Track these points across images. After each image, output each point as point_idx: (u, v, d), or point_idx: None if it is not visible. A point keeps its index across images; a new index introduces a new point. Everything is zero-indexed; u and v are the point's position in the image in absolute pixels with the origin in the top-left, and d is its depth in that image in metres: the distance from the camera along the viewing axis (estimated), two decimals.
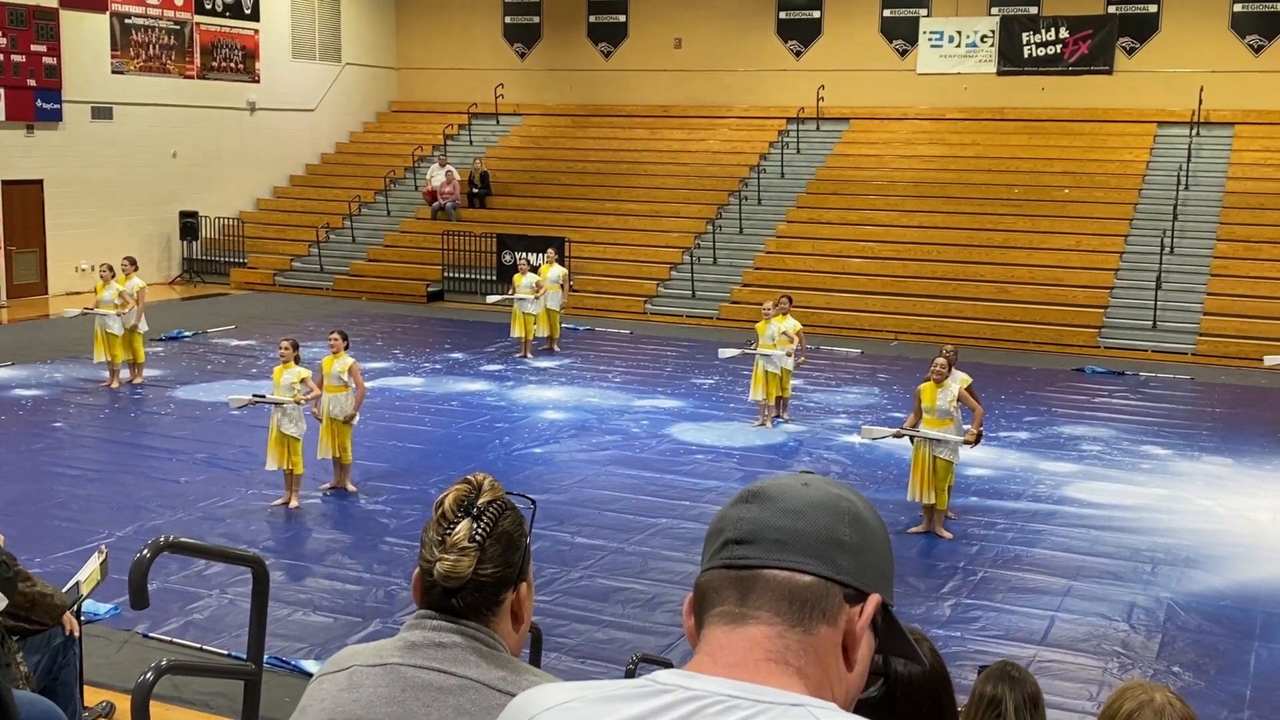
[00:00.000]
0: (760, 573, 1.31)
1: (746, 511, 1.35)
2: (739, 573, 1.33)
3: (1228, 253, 21.92)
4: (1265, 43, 25.10)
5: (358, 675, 1.96)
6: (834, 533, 1.32)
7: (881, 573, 1.36)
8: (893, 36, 27.62)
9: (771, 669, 1.28)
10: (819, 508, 1.34)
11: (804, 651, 1.29)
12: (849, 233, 24.18)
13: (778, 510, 1.34)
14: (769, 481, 1.39)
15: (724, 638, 1.31)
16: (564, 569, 9.63)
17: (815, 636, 1.30)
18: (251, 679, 4.62)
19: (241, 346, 19.39)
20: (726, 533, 1.35)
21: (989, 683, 3.23)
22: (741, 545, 1.33)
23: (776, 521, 1.33)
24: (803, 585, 1.30)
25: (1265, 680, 7.96)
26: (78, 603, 6.07)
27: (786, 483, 1.38)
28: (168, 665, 4.44)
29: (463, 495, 2.00)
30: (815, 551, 1.31)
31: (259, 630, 4.48)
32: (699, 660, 1.32)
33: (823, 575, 1.31)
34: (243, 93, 28.23)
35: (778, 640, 1.29)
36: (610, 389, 16.79)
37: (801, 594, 1.30)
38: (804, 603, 1.30)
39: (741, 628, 1.30)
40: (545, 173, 28.15)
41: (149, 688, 4.24)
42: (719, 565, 1.35)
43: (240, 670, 4.98)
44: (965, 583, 9.65)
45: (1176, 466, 13.29)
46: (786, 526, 1.32)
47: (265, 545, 10.11)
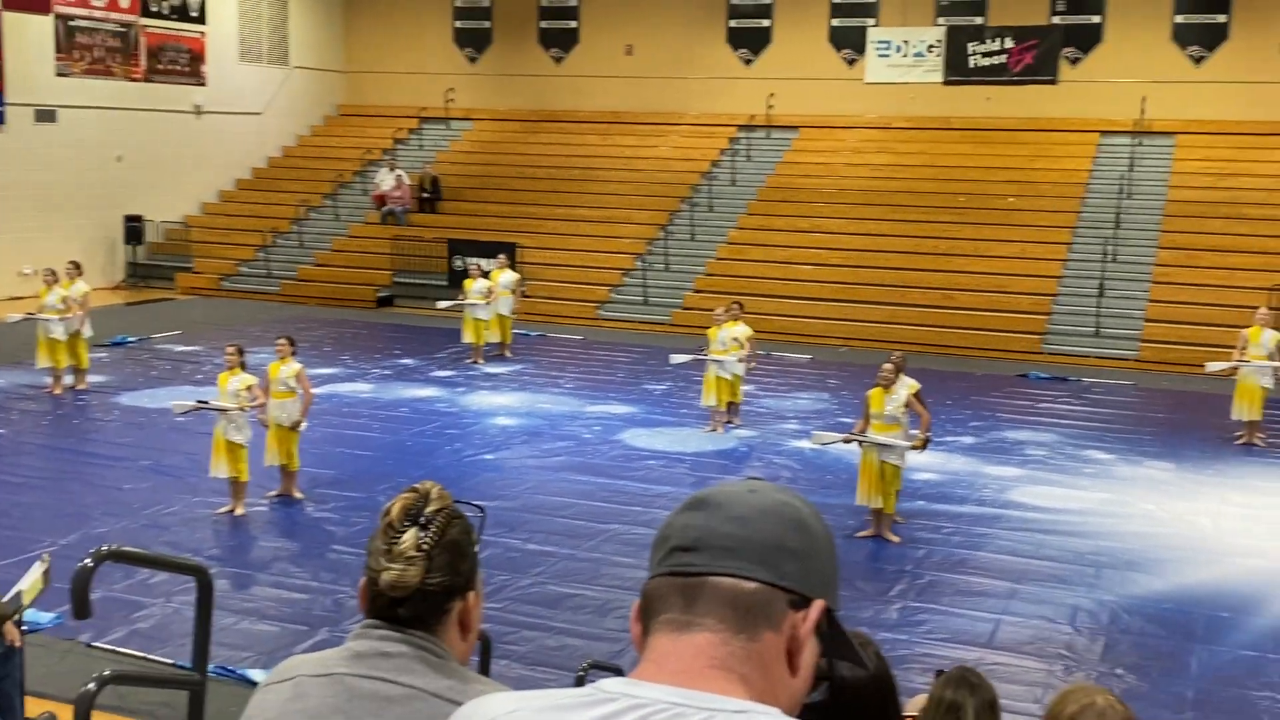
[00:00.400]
0: (706, 580, 1.32)
1: (693, 519, 1.36)
2: (685, 580, 1.33)
3: (1169, 260, 22.25)
4: (1206, 54, 25.53)
5: (303, 685, 1.95)
6: (779, 539, 1.34)
7: (826, 579, 1.38)
8: (841, 45, 27.81)
9: (716, 676, 1.29)
10: (765, 515, 1.35)
11: (749, 658, 1.30)
12: (799, 240, 24.32)
13: (724, 517, 1.35)
14: (716, 488, 1.40)
15: (669, 645, 1.32)
16: (515, 576, 9.61)
17: (760, 643, 1.31)
18: (196, 689, 4.57)
19: (187, 352, 19.18)
20: (673, 540, 1.36)
21: (948, 688, 3.25)
22: (688, 552, 1.34)
23: (723, 529, 1.34)
24: (748, 592, 1.31)
25: (1206, 682, 8.09)
26: (19, 612, 5.98)
27: (733, 490, 1.38)
28: (111, 675, 4.38)
29: (410, 504, 1.99)
30: (761, 558, 1.32)
31: (203, 639, 4.44)
32: (644, 668, 1.32)
33: (768, 582, 1.32)
34: (189, 96, 27.94)
35: (723, 647, 1.30)
36: (562, 395, 16.77)
37: (747, 601, 1.31)
38: (749, 609, 1.31)
39: (687, 635, 1.31)
40: (497, 178, 28.08)
41: (91, 698, 4.18)
42: (665, 572, 1.35)
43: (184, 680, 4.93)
44: (912, 586, 9.73)
45: (1119, 471, 13.47)
46: (733, 533, 1.33)
47: (210, 553, 10.01)
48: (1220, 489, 12.83)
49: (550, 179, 27.52)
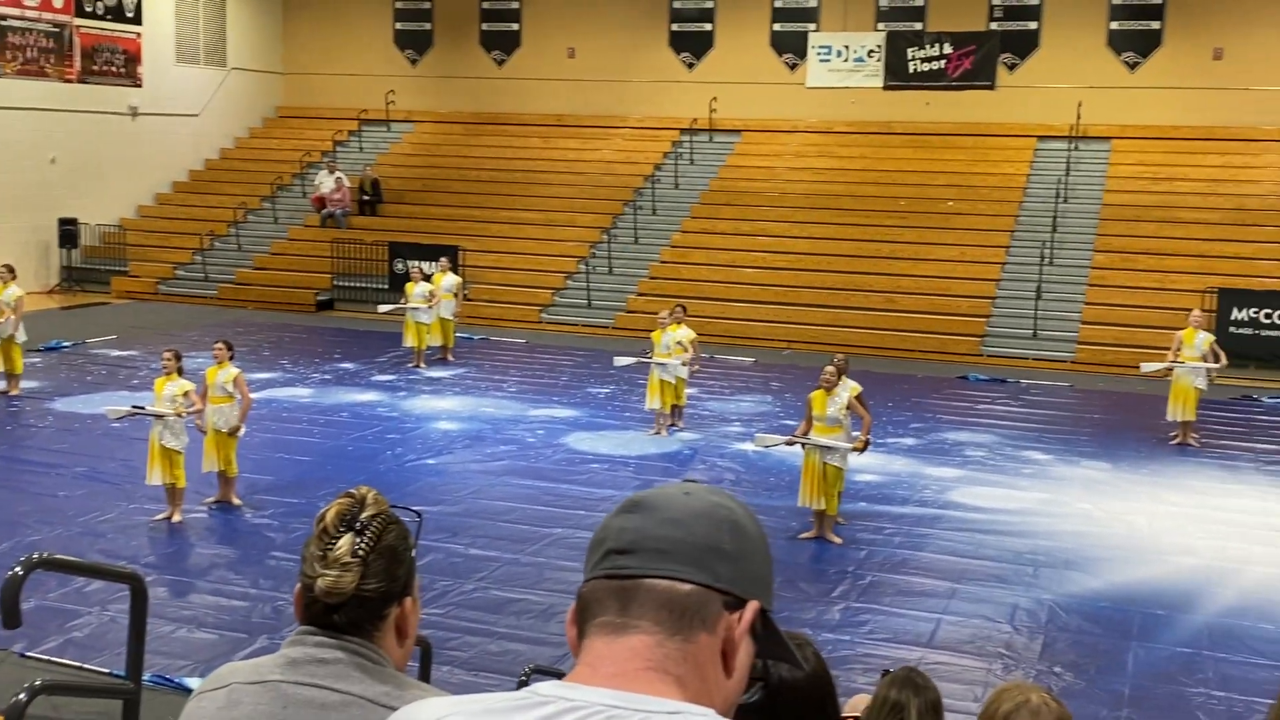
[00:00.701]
0: (641, 582, 1.32)
1: (628, 521, 1.36)
2: (620, 582, 1.33)
3: (1105, 263, 22.59)
4: (1140, 60, 25.95)
5: (237, 693, 1.92)
6: (714, 541, 1.34)
7: (760, 580, 1.38)
8: (782, 50, 27.97)
9: (651, 678, 1.28)
10: (699, 517, 1.35)
11: (683, 660, 1.30)
12: (742, 243, 24.42)
13: (659, 520, 1.35)
14: (651, 491, 1.40)
15: (604, 648, 1.31)
16: (457, 581, 9.56)
17: (695, 644, 1.31)
18: (130, 698, 4.50)
19: (123, 357, 18.90)
20: (608, 543, 1.36)
21: (893, 688, 3.27)
22: (623, 555, 1.34)
23: (658, 531, 1.34)
24: (683, 594, 1.31)
25: (1142, 679, 8.21)
26: None
27: (668, 492, 1.39)
28: (41, 685, 4.31)
29: (345, 509, 1.97)
30: (695, 560, 1.32)
31: (137, 648, 4.37)
32: (579, 671, 1.32)
33: (702, 583, 1.32)
34: (125, 97, 27.54)
35: (657, 649, 1.30)
36: (505, 399, 16.72)
37: (681, 602, 1.31)
38: (684, 611, 1.31)
39: (622, 637, 1.31)
40: (438, 180, 27.94)
41: (22, 709, 4.11)
42: (601, 575, 1.35)
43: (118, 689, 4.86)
44: (854, 587, 9.79)
45: (1056, 471, 13.65)
46: (667, 535, 1.33)
47: (147, 561, 9.87)
48: (1155, 488, 13.04)
49: (493, 182, 27.43)
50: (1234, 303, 20.32)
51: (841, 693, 3.58)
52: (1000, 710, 2.78)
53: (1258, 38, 24.90)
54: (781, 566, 10.20)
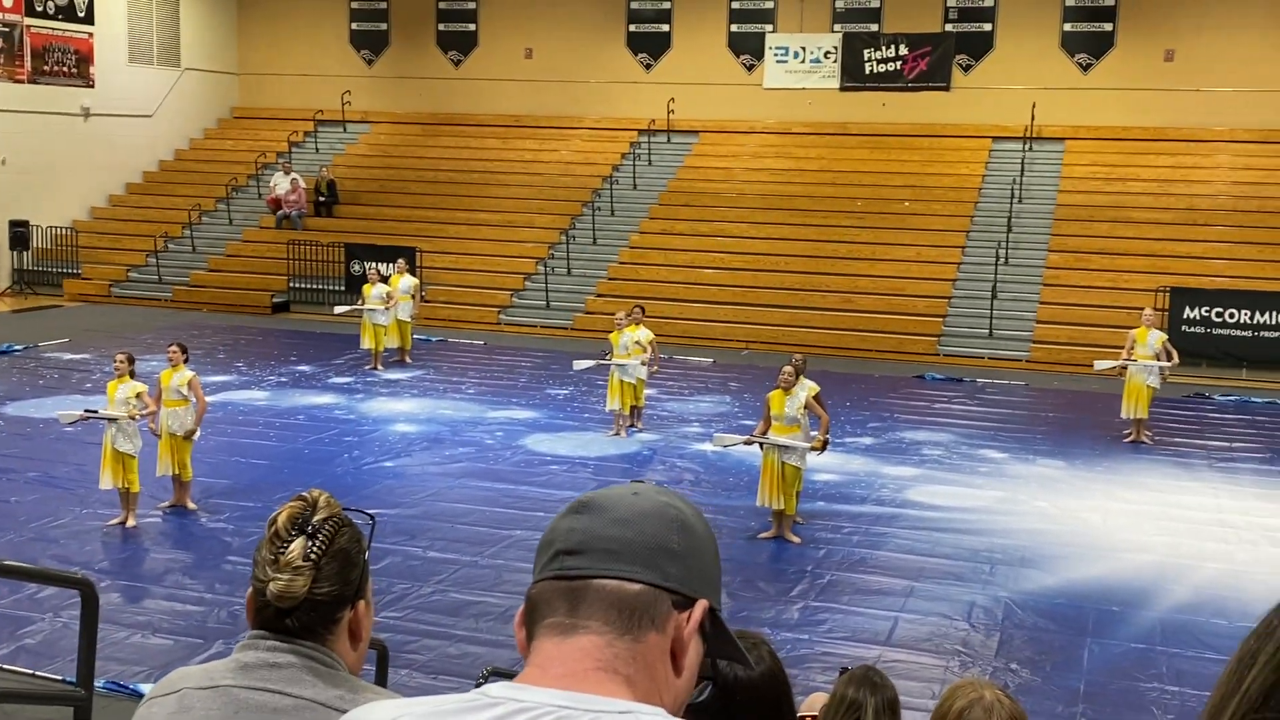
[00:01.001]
0: (590, 583, 1.32)
1: (577, 522, 1.36)
2: (569, 583, 1.33)
3: (1059, 263, 22.80)
4: (1093, 61, 26.23)
5: (188, 698, 1.91)
6: (662, 541, 1.34)
7: (709, 579, 1.38)
8: (740, 51, 28.05)
9: (601, 678, 1.28)
10: (647, 516, 1.35)
11: (633, 659, 1.30)
12: (700, 243, 24.47)
13: (608, 520, 1.34)
14: (599, 492, 1.40)
15: (554, 649, 1.31)
16: (416, 584, 9.51)
17: (644, 644, 1.31)
18: (81, 704, 4.45)
19: (75, 360, 18.68)
20: (557, 544, 1.36)
21: (850, 686, 3.28)
22: (572, 556, 1.34)
23: (606, 531, 1.34)
24: (632, 594, 1.31)
25: (1097, 675, 8.29)
26: None
27: (617, 492, 1.39)
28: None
29: (297, 513, 1.96)
30: (644, 560, 1.32)
31: (88, 654, 4.32)
32: (529, 672, 1.32)
33: (651, 583, 1.32)
34: (77, 98, 27.21)
35: (607, 649, 1.30)
36: (464, 400, 16.66)
37: (630, 602, 1.31)
38: (633, 611, 1.31)
39: (571, 638, 1.31)
40: (395, 181, 27.80)
41: None
42: (550, 576, 1.35)
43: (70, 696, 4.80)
44: (813, 586, 9.83)
45: (1012, 469, 13.76)
46: (616, 536, 1.33)
47: (101, 567, 9.76)
48: (1110, 486, 13.17)
49: (450, 183, 27.34)
50: (1186, 301, 20.56)
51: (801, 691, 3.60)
52: (954, 708, 2.80)
53: (1208, 39, 25.23)
54: (740, 566, 10.23)
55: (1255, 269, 21.65)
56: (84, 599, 4.30)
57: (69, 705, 4.67)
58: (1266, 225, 22.59)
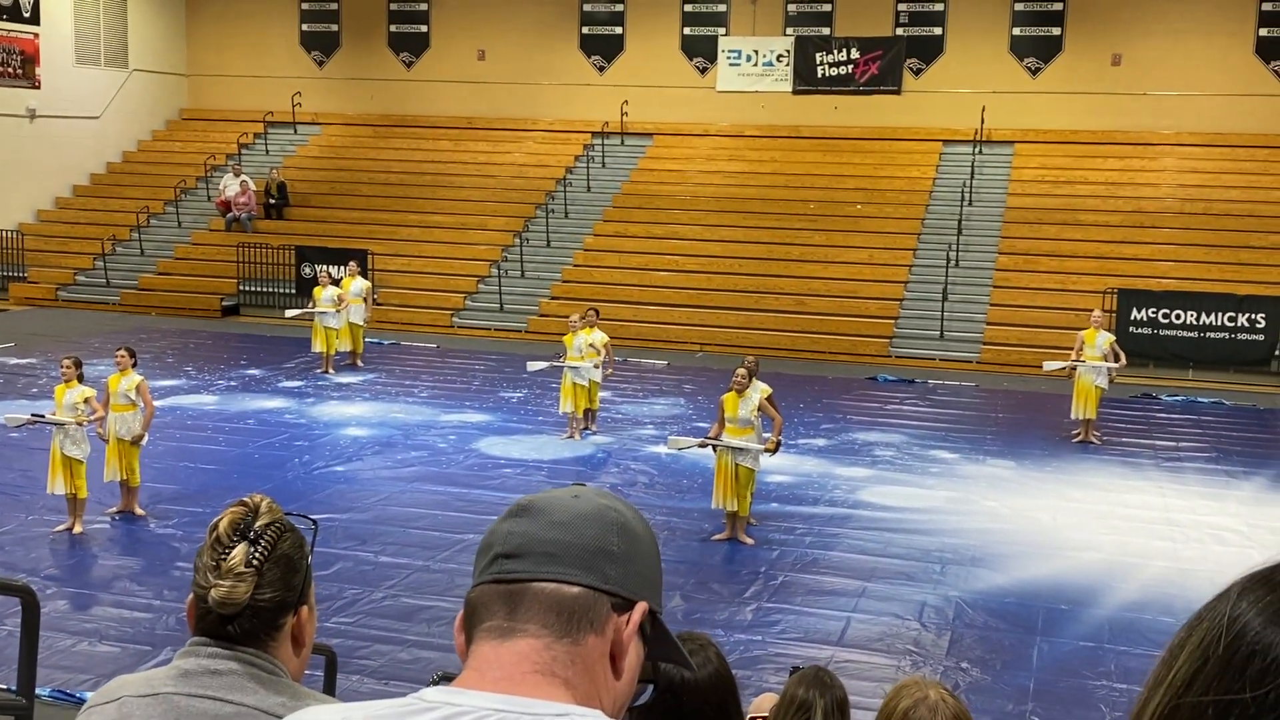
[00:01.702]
0: (529, 586, 1.32)
1: (516, 525, 1.36)
2: (508, 587, 1.33)
3: (1009, 265, 23.02)
4: (1042, 65, 26.51)
5: (128, 706, 1.89)
6: (602, 543, 1.33)
7: (649, 581, 1.38)
8: (693, 54, 28.11)
9: (538, 681, 1.28)
10: (587, 519, 1.35)
11: (572, 662, 1.30)
12: (654, 246, 24.49)
13: (547, 523, 1.34)
14: (539, 495, 1.40)
15: (491, 652, 1.31)
16: (367, 589, 9.45)
17: (583, 647, 1.30)
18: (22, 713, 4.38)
19: (21, 365, 18.41)
20: (496, 547, 1.36)
21: (800, 687, 3.29)
22: (511, 559, 1.34)
23: (545, 534, 1.33)
24: (570, 596, 1.31)
25: (1046, 673, 8.37)
26: None
27: (556, 495, 1.38)
28: None
29: (238, 518, 1.95)
30: (583, 562, 1.32)
31: (29, 662, 4.26)
32: (466, 676, 1.31)
33: (591, 585, 1.32)
34: (22, 99, 26.83)
35: (545, 652, 1.29)
36: (416, 404, 16.57)
37: (569, 605, 1.31)
38: (571, 614, 1.30)
39: (509, 641, 1.30)
40: (346, 184, 27.63)
41: None
42: (489, 580, 1.35)
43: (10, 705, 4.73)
44: (766, 587, 9.86)
45: (963, 470, 13.87)
46: (555, 539, 1.33)
47: (48, 573, 9.62)
48: (1059, 485, 13.31)
49: (403, 185, 27.21)
50: (1133, 303, 20.82)
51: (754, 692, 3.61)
52: (899, 707, 2.81)
53: (1155, 44, 25.57)
54: (694, 568, 10.25)
55: (1201, 270, 21.96)
56: (24, 606, 4.24)
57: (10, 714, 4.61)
58: (1212, 228, 22.93)
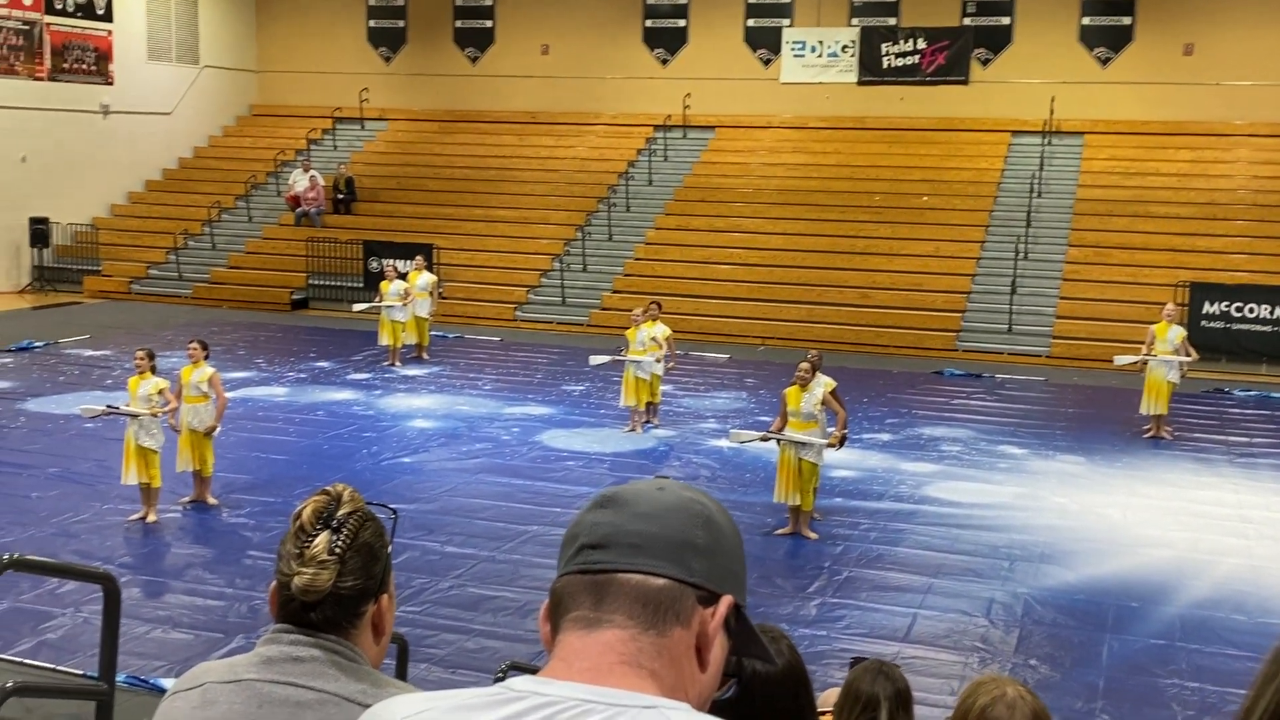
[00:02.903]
0: (614, 577, 1.32)
1: (601, 516, 1.36)
2: (594, 577, 1.33)
3: (1079, 258, 22.71)
4: (1112, 55, 26.10)
5: (211, 692, 1.91)
6: (687, 536, 1.34)
7: (734, 574, 1.38)
8: (757, 46, 28.00)
9: (625, 672, 1.28)
10: (672, 511, 1.35)
11: (658, 654, 1.30)
12: (716, 239, 24.44)
13: (632, 515, 1.35)
14: (624, 487, 1.40)
15: (578, 643, 1.31)
16: (434, 579, 9.54)
17: (669, 639, 1.31)
18: (103, 699, 4.47)
19: (96, 357, 18.77)
20: (581, 538, 1.36)
21: (863, 680, 3.27)
22: (596, 550, 1.34)
23: (631, 526, 1.34)
24: (656, 588, 1.31)
25: (1117, 671, 8.26)
26: None
27: (641, 487, 1.39)
28: (14, 687, 4.28)
29: (321, 507, 1.97)
30: (668, 555, 1.32)
31: (110, 649, 4.35)
32: (553, 666, 1.32)
33: (676, 578, 1.32)
34: (96, 95, 27.34)
35: (631, 643, 1.30)
36: (480, 396, 16.68)
37: (655, 597, 1.31)
38: (657, 606, 1.31)
39: (595, 632, 1.31)
40: (412, 179, 27.86)
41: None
42: (574, 570, 1.35)
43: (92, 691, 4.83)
44: (830, 582, 9.81)
45: (1032, 465, 13.71)
46: (640, 531, 1.33)
47: (122, 561, 9.81)
48: (1130, 481, 13.12)
49: (467, 180, 27.38)
50: (1206, 297, 20.46)
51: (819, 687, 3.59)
52: (976, 704, 2.79)
53: (1228, 33, 25.07)
54: (757, 562, 10.22)
55: (1275, 264, 21.51)
56: (106, 594, 4.32)
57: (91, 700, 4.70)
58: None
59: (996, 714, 2.73)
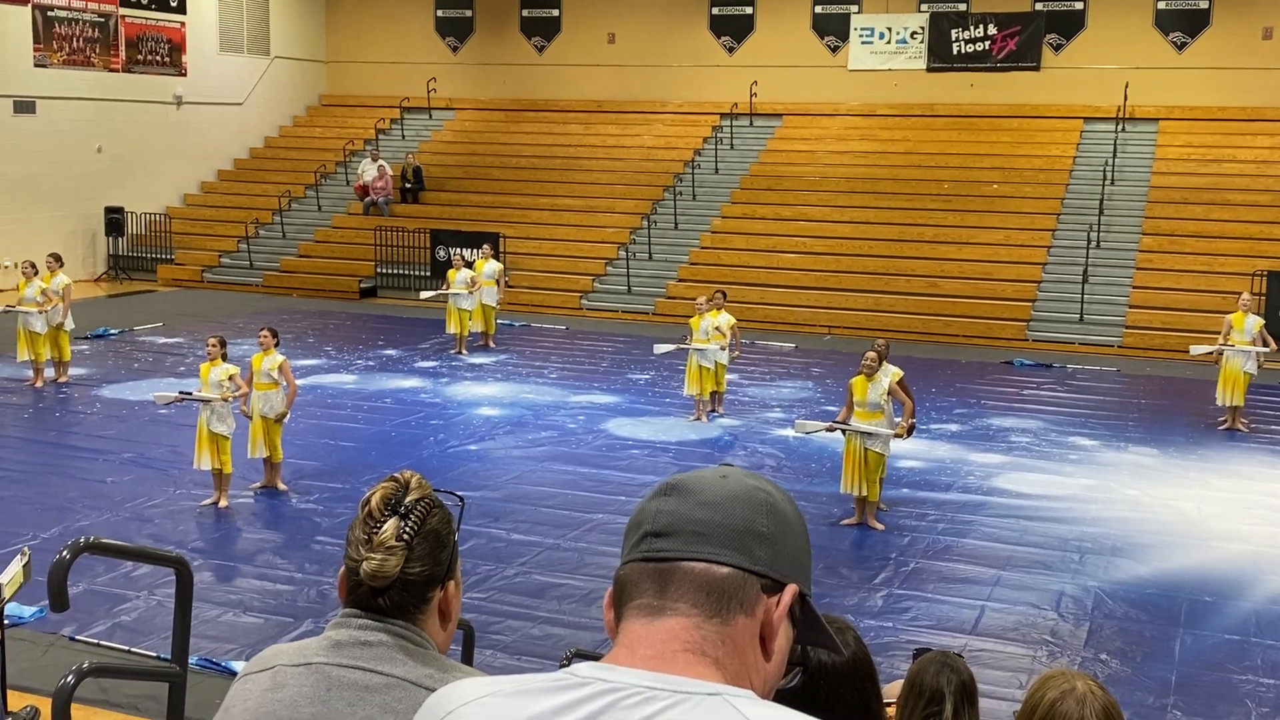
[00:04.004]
0: (678, 565, 1.32)
1: (665, 504, 1.36)
2: (657, 565, 1.33)
3: (1152, 246, 22.32)
4: (1188, 40, 25.59)
5: (282, 675, 1.94)
6: (751, 524, 1.33)
7: (798, 563, 1.37)
8: (824, 33, 27.80)
9: (689, 660, 1.28)
10: (736, 500, 1.34)
11: (721, 642, 1.29)
12: (783, 228, 24.33)
13: (696, 503, 1.34)
14: (688, 474, 1.39)
15: (642, 630, 1.31)
16: (499, 565, 9.60)
17: (733, 627, 1.30)
18: (176, 681, 4.55)
19: (169, 344, 19.10)
20: (645, 525, 1.36)
21: (928, 673, 3.23)
22: (660, 538, 1.34)
23: (694, 514, 1.33)
24: (720, 576, 1.31)
25: (1189, 666, 8.12)
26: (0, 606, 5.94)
27: (705, 475, 1.38)
28: (89, 668, 4.37)
29: (390, 493, 1.98)
30: (732, 543, 1.32)
31: (183, 631, 4.42)
32: (617, 652, 1.32)
33: (740, 566, 1.31)
34: (169, 86, 27.79)
35: (695, 631, 1.29)
36: (546, 385, 16.75)
37: (719, 585, 1.30)
38: (721, 594, 1.30)
39: (659, 619, 1.31)
40: (479, 168, 28.02)
41: (70, 691, 4.16)
42: (638, 558, 1.35)
43: (165, 672, 4.91)
44: (897, 573, 9.74)
45: (1103, 457, 13.51)
46: (704, 519, 1.33)
47: (194, 546, 9.97)
48: (1204, 474, 12.88)
49: (533, 168, 27.48)
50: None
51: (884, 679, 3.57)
52: (1046, 698, 2.75)
53: None
54: (823, 553, 10.18)
55: None
56: (180, 577, 4.39)
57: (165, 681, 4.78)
58: None
59: (1066, 708, 2.69)
